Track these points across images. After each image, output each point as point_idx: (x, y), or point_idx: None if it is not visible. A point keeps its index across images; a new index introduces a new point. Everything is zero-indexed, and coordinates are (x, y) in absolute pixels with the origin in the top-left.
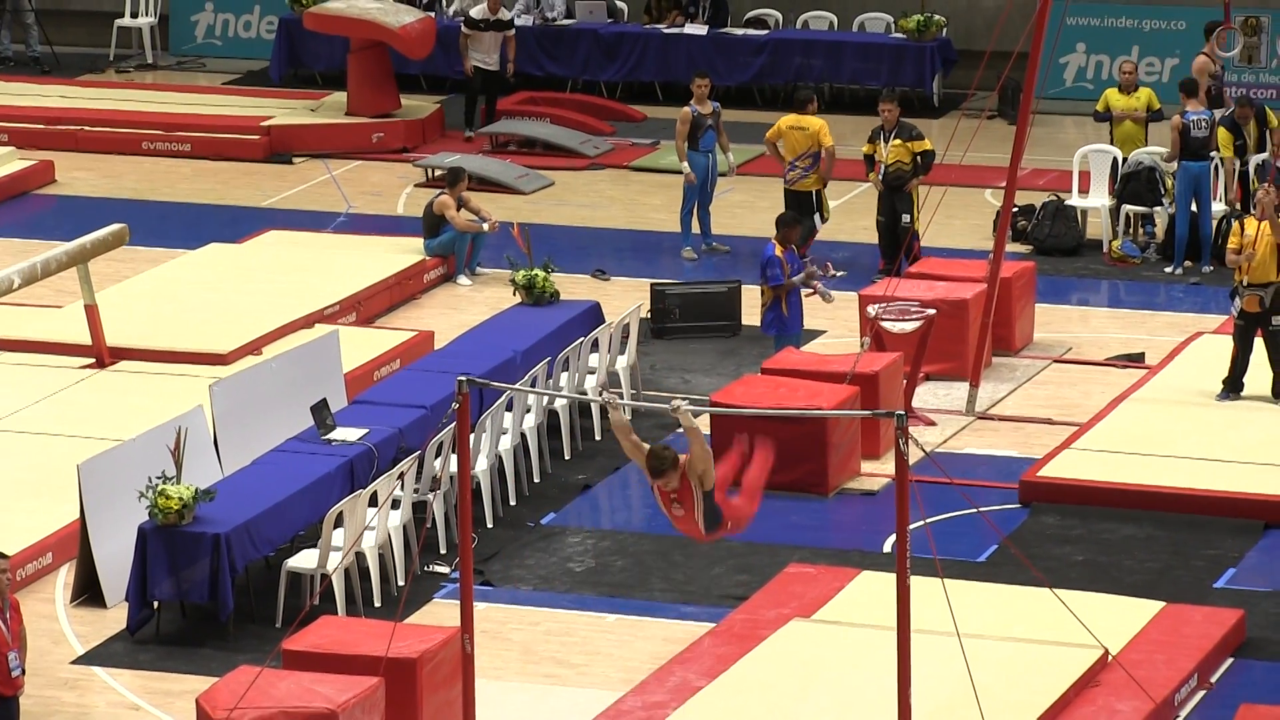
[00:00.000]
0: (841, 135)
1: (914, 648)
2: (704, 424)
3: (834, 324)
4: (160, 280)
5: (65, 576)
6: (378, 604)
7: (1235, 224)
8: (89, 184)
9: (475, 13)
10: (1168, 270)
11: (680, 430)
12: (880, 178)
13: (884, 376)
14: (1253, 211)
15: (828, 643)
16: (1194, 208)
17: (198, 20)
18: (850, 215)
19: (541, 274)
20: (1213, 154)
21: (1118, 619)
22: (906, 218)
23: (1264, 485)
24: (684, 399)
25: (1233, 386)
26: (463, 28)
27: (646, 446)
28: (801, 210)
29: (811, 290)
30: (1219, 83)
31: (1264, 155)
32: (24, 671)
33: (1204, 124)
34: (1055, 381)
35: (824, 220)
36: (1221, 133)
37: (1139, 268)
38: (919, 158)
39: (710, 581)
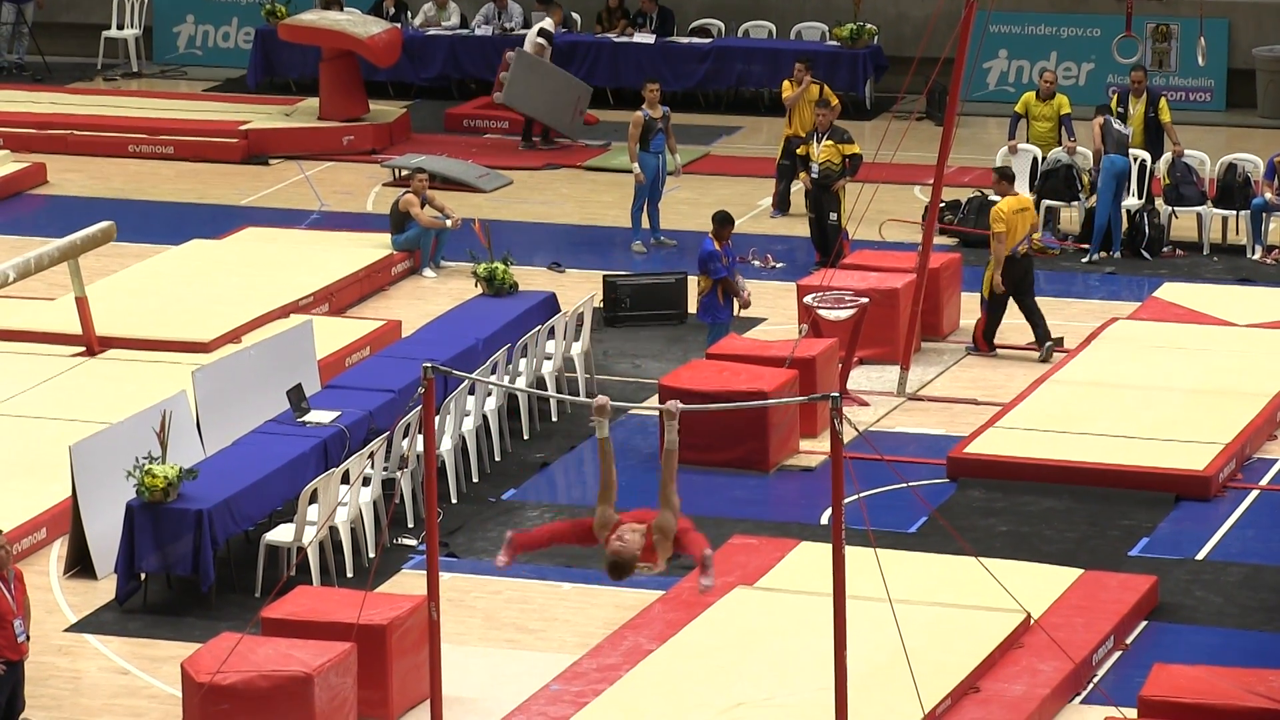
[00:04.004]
0: (777, 137)
1: (849, 613)
2: (653, 401)
3: (774, 312)
4: (145, 274)
5: (58, 550)
6: (350, 575)
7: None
8: (79, 185)
9: (548, 25)
10: (1084, 260)
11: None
12: (811, 176)
13: (821, 360)
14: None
15: (769, 609)
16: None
17: (179, 32)
18: (792, 211)
19: (501, 267)
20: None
21: (1039, 585)
22: (834, 216)
23: (1175, 461)
24: (677, 403)
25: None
26: (540, 40)
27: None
28: None
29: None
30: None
31: (1168, 154)
32: (29, 638)
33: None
34: (980, 365)
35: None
36: (1116, 96)
37: (1057, 258)
38: (848, 160)
39: None
